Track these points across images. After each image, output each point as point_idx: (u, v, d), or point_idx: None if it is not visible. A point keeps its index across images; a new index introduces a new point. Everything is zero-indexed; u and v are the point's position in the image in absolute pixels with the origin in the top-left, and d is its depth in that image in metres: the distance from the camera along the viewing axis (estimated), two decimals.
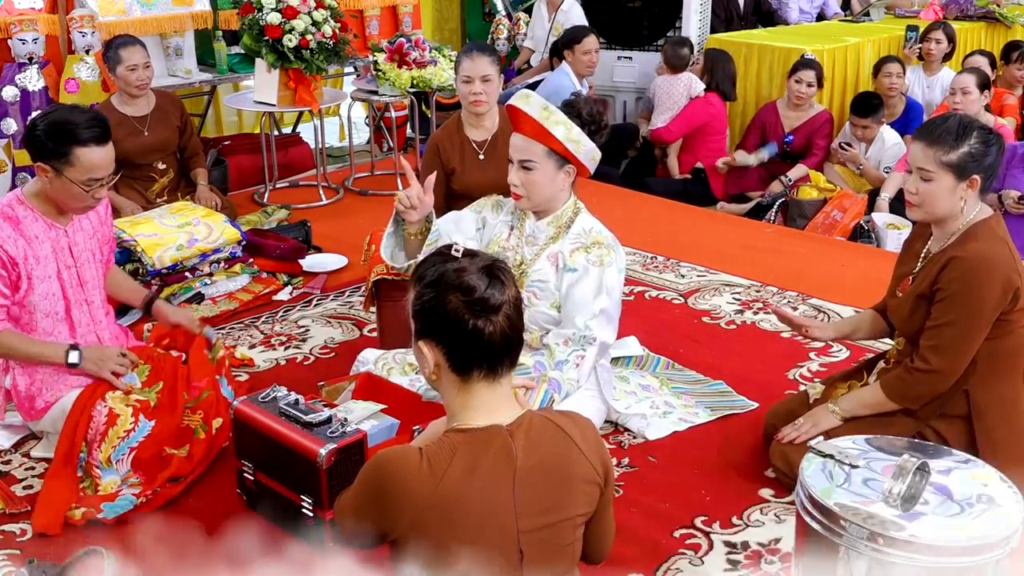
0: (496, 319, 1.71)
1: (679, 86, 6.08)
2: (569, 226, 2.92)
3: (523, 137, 2.82)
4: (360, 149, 6.79)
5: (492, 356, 1.73)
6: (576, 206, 2.97)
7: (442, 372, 1.75)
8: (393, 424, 2.67)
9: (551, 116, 2.78)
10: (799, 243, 5.00)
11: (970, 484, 1.97)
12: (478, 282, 1.71)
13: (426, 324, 1.74)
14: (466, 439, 1.72)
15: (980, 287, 2.49)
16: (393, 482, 1.68)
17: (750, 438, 3.07)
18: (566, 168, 2.86)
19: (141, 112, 4.68)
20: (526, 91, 2.87)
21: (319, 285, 4.34)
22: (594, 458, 1.80)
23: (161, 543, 2.60)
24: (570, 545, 1.80)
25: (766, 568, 2.51)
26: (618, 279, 2.90)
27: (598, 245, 2.87)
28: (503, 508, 1.70)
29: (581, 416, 1.88)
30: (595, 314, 2.80)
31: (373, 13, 6.62)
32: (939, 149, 2.49)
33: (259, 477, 2.66)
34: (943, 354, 2.55)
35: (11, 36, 4.95)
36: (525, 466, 1.72)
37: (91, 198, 2.83)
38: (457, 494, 1.67)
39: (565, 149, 2.80)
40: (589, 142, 2.84)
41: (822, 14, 8.39)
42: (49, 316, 2.93)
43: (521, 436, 1.73)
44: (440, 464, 1.68)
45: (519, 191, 2.86)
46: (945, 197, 2.53)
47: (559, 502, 1.75)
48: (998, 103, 5.80)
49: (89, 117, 2.82)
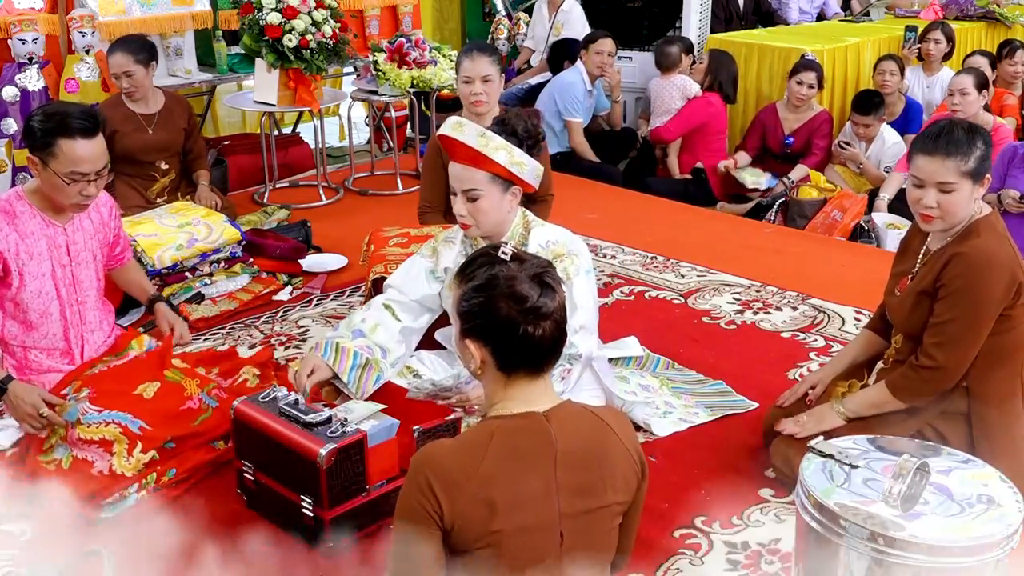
0: (546, 324, 1.76)
1: (673, 89, 6.09)
2: (524, 244, 2.85)
3: (463, 167, 2.75)
4: (360, 149, 6.79)
5: (539, 357, 1.79)
6: (525, 219, 2.91)
7: (487, 367, 1.80)
8: (393, 424, 2.67)
9: (489, 143, 2.71)
10: (799, 243, 5.00)
11: (970, 484, 1.98)
12: (530, 291, 1.75)
13: (474, 325, 1.78)
14: (503, 424, 1.77)
15: (984, 283, 2.49)
16: (434, 472, 1.71)
17: (750, 438, 3.07)
18: (512, 190, 2.81)
19: (149, 110, 4.68)
20: (456, 119, 2.79)
21: (319, 285, 4.34)
22: (631, 446, 1.84)
23: (161, 543, 2.60)
24: (608, 534, 1.84)
25: (766, 568, 2.51)
26: (589, 285, 2.87)
27: (560, 257, 2.81)
28: (544, 489, 1.74)
29: (616, 409, 1.91)
30: (575, 330, 2.72)
31: (373, 13, 6.63)
32: (958, 160, 2.47)
33: (259, 477, 2.66)
34: (948, 350, 2.55)
35: (11, 36, 4.95)
36: (565, 450, 1.76)
37: (78, 194, 2.81)
38: (497, 476, 1.71)
39: (510, 173, 2.75)
40: (531, 160, 2.79)
41: (822, 14, 8.39)
42: (42, 315, 2.93)
43: (558, 422, 1.77)
44: (479, 448, 1.73)
45: (467, 220, 2.79)
46: (965, 203, 2.53)
47: (599, 487, 1.79)
48: (998, 103, 5.80)
49: (80, 110, 2.81)
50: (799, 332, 3.86)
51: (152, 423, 2.77)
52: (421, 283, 2.99)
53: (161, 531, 2.65)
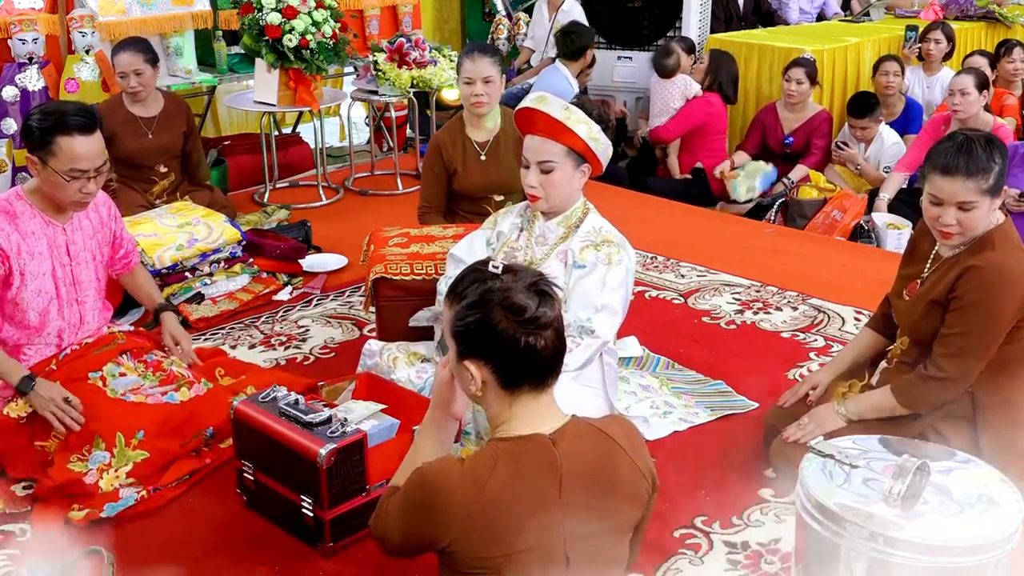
0: (547, 334, 1.71)
1: (674, 89, 6.08)
2: (578, 225, 2.93)
3: (540, 138, 2.82)
4: (360, 149, 6.79)
5: (543, 369, 1.74)
6: (586, 206, 2.98)
7: (488, 388, 1.75)
8: (393, 424, 2.67)
9: (572, 115, 2.79)
10: (799, 243, 5.00)
11: (970, 484, 1.97)
12: (528, 302, 1.70)
13: (472, 344, 1.73)
14: (508, 448, 1.72)
15: (999, 298, 2.48)
16: (437, 494, 1.68)
17: (750, 438, 3.07)
18: (582, 167, 2.88)
19: (149, 113, 4.67)
20: (540, 93, 2.88)
21: (319, 285, 4.34)
22: (642, 463, 1.80)
23: (161, 543, 2.60)
24: (618, 551, 1.80)
25: (766, 568, 2.51)
26: (626, 278, 2.91)
27: (608, 243, 2.89)
28: (548, 514, 1.70)
29: (626, 420, 1.89)
30: (598, 308, 2.81)
31: (373, 13, 6.63)
32: (979, 179, 2.43)
33: (259, 477, 2.65)
34: (958, 362, 2.54)
35: (11, 36, 4.95)
36: (571, 473, 1.71)
37: (78, 192, 2.81)
38: (501, 501, 1.67)
39: (586, 147, 2.82)
40: (606, 140, 2.87)
41: (822, 14, 8.39)
42: (41, 314, 2.92)
43: (565, 444, 1.73)
44: (482, 473, 1.68)
45: (537, 192, 2.87)
46: (985, 218, 2.51)
47: (607, 509, 1.75)
48: (998, 103, 5.80)
49: (78, 108, 2.81)
50: (799, 332, 3.86)
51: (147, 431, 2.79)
52: (480, 254, 3.04)
53: (161, 531, 2.65)
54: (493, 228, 3.11)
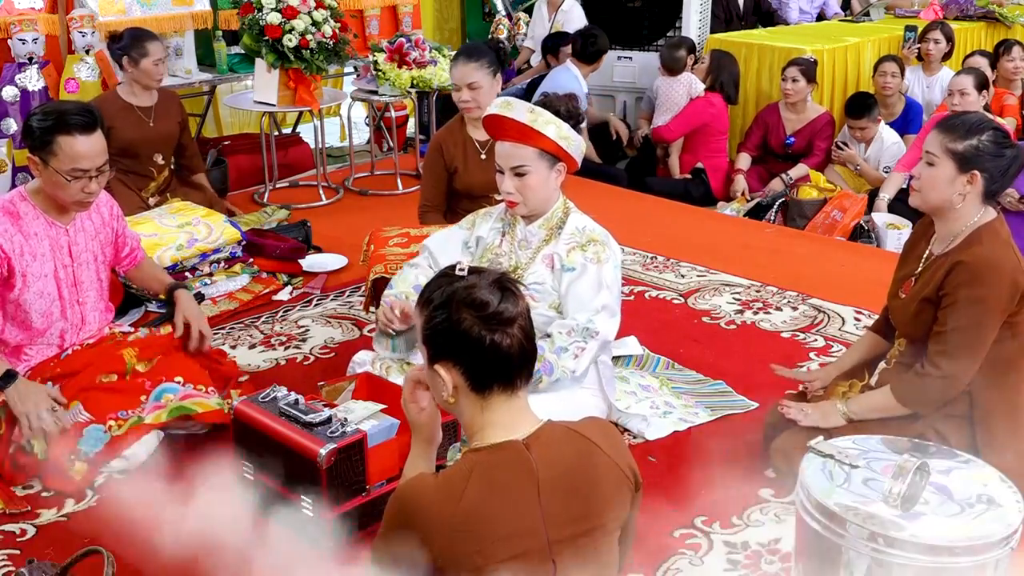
0: (512, 331, 1.70)
1: (680, 87, 6.08)
2: (560, 227, 2.93)
3: (510, 144, 2.81)
4: (360, 149, 6.79)
5: (510, 369, 1.72)
6: (566, 205, 2.98)
7: (460, 393, 1.74)
8: (393, 424, 2.67)
9: (538, 117, 2.78)
10: (799, 243, 5.00)
11: (970, 484, 1.97)
12: (490, 297, 1.69)
13: (441, 346, 1.72)
14: (481, 458, 1.71)
15: (987, 291, 2.48)
16: (414, 511, 1.68)
17: (750, 438, 3.06)
18: (557, 167, 2.87)
19: (147, 103, 4.70)
20: (505, 99, 2.86)
21: (319, 285, 4.34)
22: (622, 461, 1.79)
23: (161, 543, 2.60)
24: (606, 552, 1.79)
25: (766, 568, 2.51)
26: (615, 274, 2.92)
27: (593, 242, 2.89)
28: (530, 521, 1.69)
29: (603, 420, 1.87)
30: (597, 310, 2.83)
31: (373, 13, 6.62)
32: (948, 136, 2.51)
33: (259, 477, 2.65)
34: (952, 359, 2.54)
35: (11, 36, 4.95)
36: (549, 477, 1.70)
37: (80, 192, 2.81)
38: (479, 513, 1.66)
39: (557, 147, 2.81)
40: (577, 136, 2.86)
41: (822, 14, 8.39)
42: (43, 315, 2.92)
43: (539, 448, 1.72)
44: (457, 486, 1.67)
45: (514, 198, 2.86)
46: (942, 186, 2.53)
47: (590, 509, 1.74)
48: (998, 103, 5.80)
49: (78, 107, 2.81)
50: (799, 332, 3.86)
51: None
52: (453, 253, 3.03)
53: (161, 531, 2.65)
54: (471, 230, 3.08)
